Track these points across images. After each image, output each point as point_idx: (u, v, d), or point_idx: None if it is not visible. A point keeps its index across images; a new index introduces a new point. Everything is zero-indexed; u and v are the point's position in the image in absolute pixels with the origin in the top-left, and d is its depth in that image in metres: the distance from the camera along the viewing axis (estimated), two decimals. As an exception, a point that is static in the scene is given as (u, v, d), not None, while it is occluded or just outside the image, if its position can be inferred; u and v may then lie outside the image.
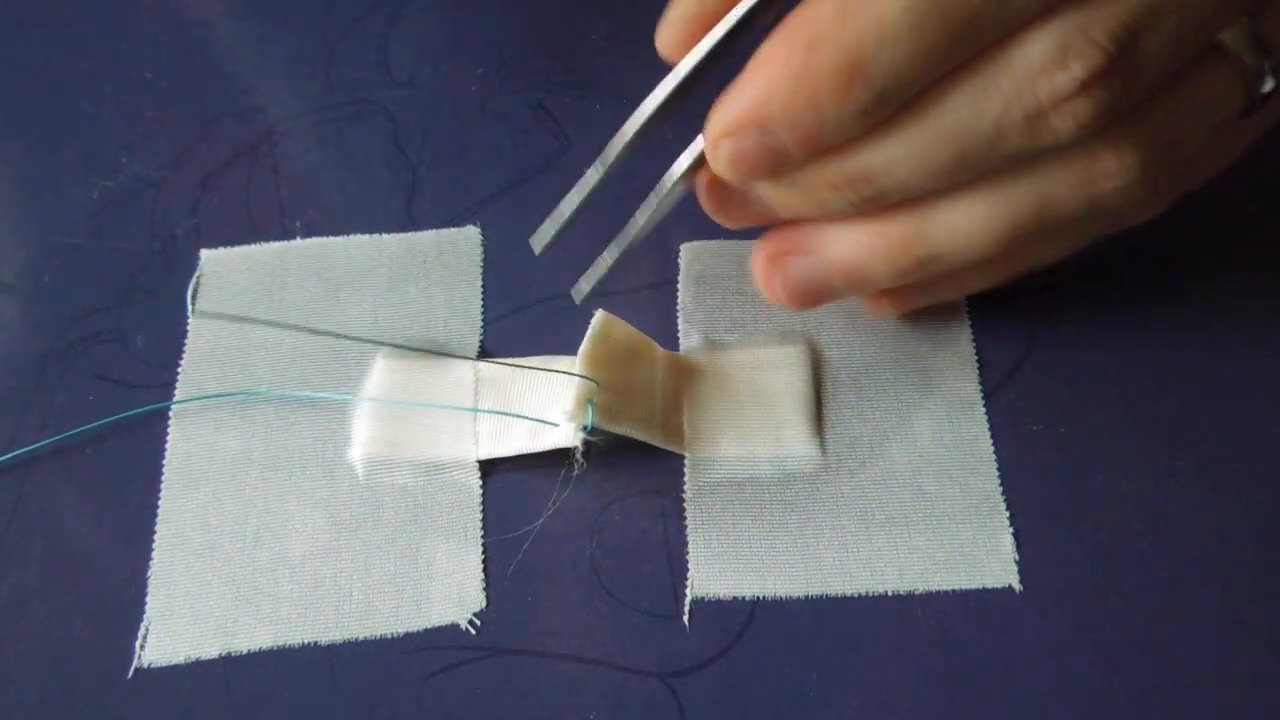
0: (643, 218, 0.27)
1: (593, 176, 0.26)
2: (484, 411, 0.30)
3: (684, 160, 0.26)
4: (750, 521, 0.29)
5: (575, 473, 0.29)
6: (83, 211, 0.34)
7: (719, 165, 0.24)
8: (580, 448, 0.28)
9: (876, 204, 0.25)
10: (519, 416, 0.29)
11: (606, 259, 0.28)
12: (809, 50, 0.22)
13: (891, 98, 0.22)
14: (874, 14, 0.21)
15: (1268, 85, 0.24)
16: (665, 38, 0.25)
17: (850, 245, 0.26)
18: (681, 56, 0.25)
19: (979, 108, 0.23)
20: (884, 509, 0.29)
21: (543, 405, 0.29)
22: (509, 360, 0.31)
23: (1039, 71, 0.22)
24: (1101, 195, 0.24)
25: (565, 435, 0.28)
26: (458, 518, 0.29)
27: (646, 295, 0.31)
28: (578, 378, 0.28)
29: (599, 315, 0.29)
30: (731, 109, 0.23)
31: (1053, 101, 0.22)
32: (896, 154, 0.24)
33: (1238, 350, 0.31)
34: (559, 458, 0.29)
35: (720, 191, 0.26)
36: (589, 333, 0.29)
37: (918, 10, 0.21)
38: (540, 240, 0.27)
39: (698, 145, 0.25)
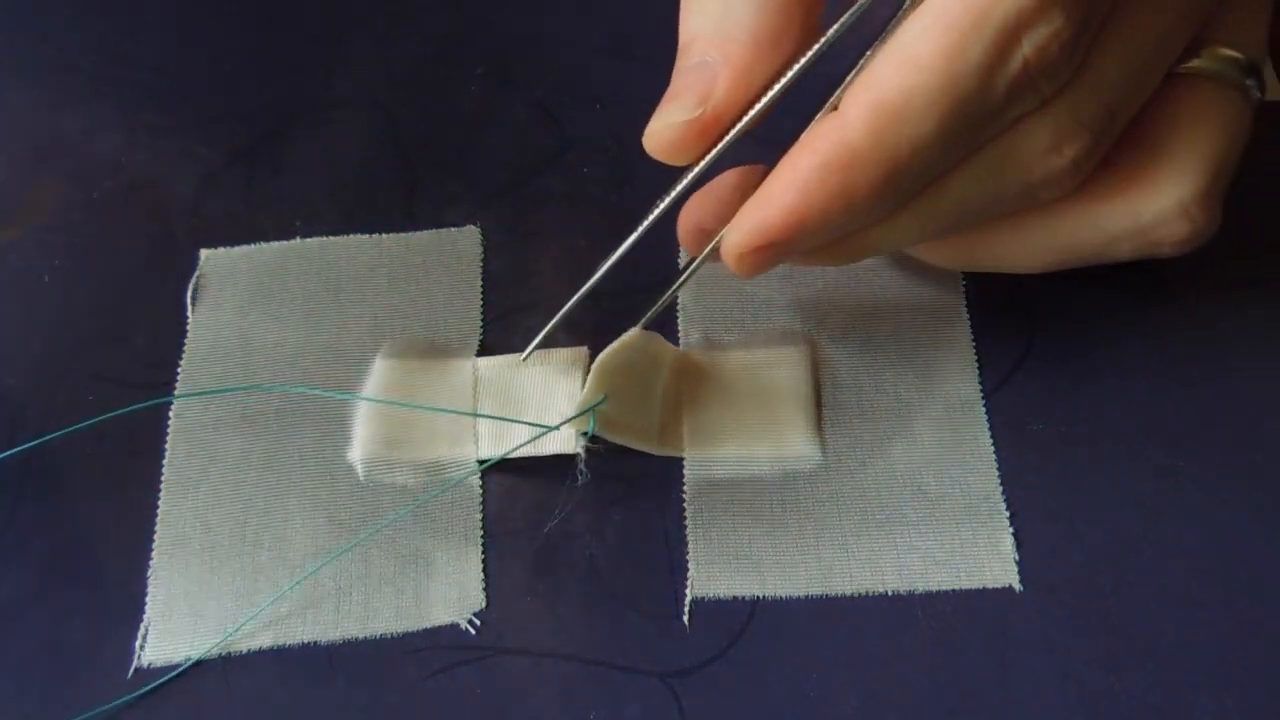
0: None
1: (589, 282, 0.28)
2: (485, 417, 0.30)
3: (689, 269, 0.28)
4: (750, 521, 0.29)
5: (580, 482, 0.29)
6: (82, 212, 0.34)
7: (737, 269, 0.25)
8: (583, 455, 0.28)
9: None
10: (520, 422, 0.29)
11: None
12: (846, 169, 0.23)
13: (916, 191, 0.24)
14: (908, 134, 0.22)
15: (1257, 92, 0.26)
16: (665, 142, 0.25)
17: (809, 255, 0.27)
18: (678, 159, 0.25)
19: (982, 187, 0.24)
20: (884, 509, 0.29)
21: (543, 405, 0.29)
22: (509, 356, 0.31)
23: (1038, 158, 0.24)
24: (1159, 244, 0.27)
25: (566, 441, 0.28)
26: (458, 518, 0.29)
27: (647, 295, 0.31)
28: (584, 385, 0.28)
29: (639, 331, 0.29)
30: (765, 225, 0.24)
31: (1046, 181, 0.24)
32: (907, 227, 0.25)
33: (1238, 350, 0.31)
34: (560, 459, 0.29)
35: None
36: (618, 341, 0.28)
37: (948, 122, 0.22)
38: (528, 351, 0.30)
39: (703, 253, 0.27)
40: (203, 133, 0.36)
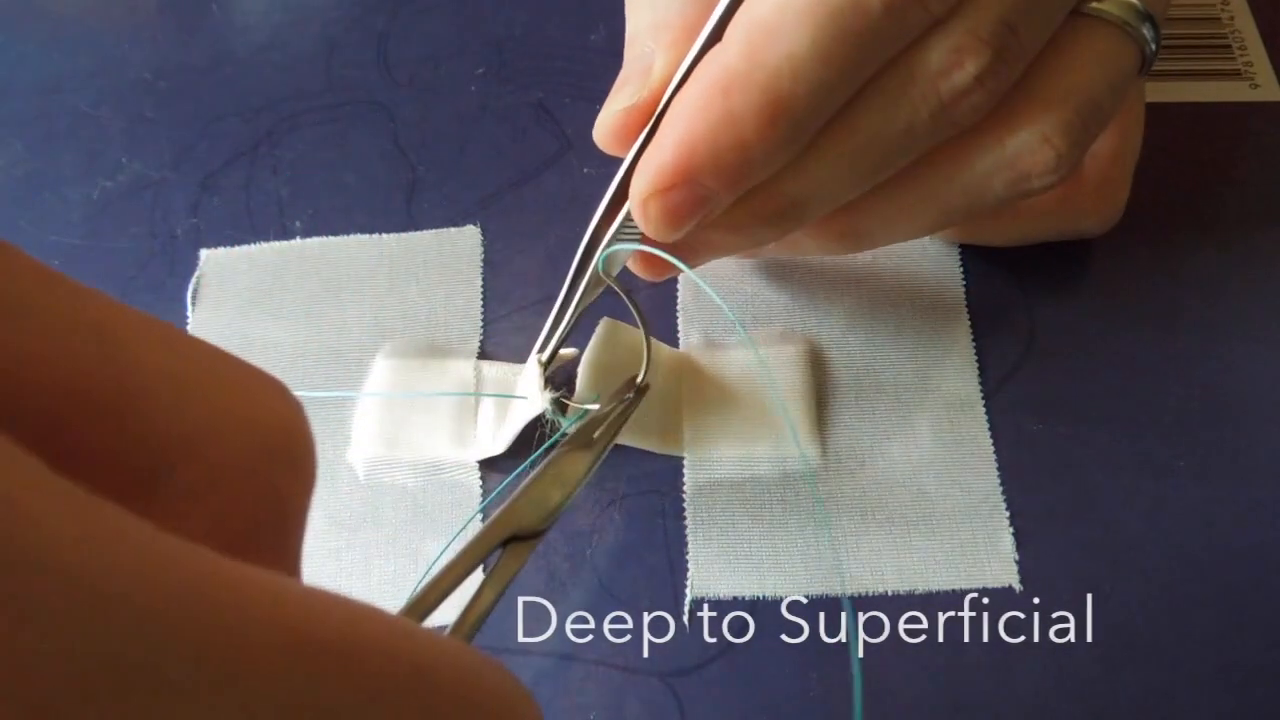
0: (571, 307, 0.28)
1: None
2: (477, 395, 0.30)
3: (606, 236, 0.26)
4: (750, 521, 0.29)
5: (549, 431, 0.29)
6: (82, 211, 0.34)
7: (649, 225, 0.25)
8: (550, 409, 0.28)
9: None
10: (501, 396, 0.29)
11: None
12: (725, 95, 0.22)
13: (812, 124, 0.23)
14: (783, 50, 0.22)
15: (1152, 44, 0.26)
16: (608, 130, 0.25)
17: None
18: (622, 148, 0.25)
19: (890, 116, 0.24)
20: (884, 509, 0.29)
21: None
22: (512, 365, 0.31)
23: (939, 75, 0.23)
24: (1027, 175, 0.26)
25: (534, 403, 0.28)
26: (458, 518, 0.29)
27: (646, 295, 0.31)
28: (583, 383, 0.28)
29: (604, 323, 0.29)
30: (656, 166, 0.23)
31: (953, 97, 0.24)
32: (823, 175, 0.25)
33: (1237, 349, 0.31)
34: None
35: (652, 258, 0.27)
36: (594, 340, 0.29)
37: (824, 39, 0.22)
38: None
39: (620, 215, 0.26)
40: (203, 133, 0.36)
